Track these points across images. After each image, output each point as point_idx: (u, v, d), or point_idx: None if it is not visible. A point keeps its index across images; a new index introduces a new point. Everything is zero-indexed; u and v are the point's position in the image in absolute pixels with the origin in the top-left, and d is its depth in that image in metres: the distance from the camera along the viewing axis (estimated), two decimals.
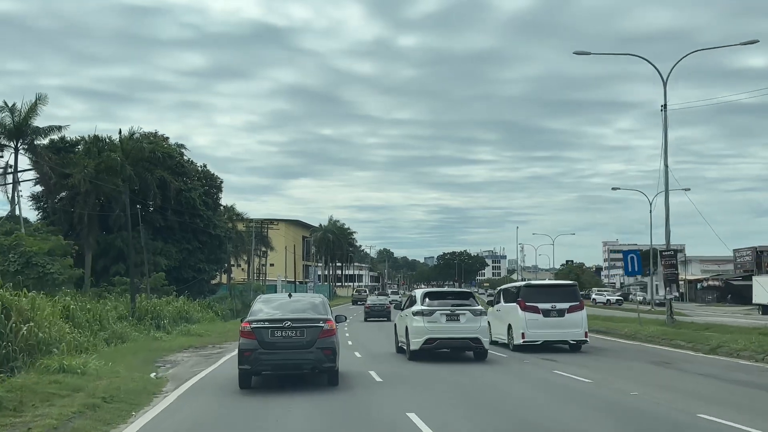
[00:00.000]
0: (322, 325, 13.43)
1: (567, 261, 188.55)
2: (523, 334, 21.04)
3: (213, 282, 59.99)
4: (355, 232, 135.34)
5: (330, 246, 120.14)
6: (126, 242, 46.75)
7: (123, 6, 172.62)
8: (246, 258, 75.80)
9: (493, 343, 21.89)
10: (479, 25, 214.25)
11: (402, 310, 21.92)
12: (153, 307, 30.89)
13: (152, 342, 22.78)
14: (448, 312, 18.86)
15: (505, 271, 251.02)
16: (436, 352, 18.76)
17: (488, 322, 20.45)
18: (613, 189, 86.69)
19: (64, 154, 50.27)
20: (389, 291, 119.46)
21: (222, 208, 61.30)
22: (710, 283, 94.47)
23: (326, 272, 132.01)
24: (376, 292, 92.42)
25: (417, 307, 19.17)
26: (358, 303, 74.35)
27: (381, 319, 46.84)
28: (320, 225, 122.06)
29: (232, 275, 74.54)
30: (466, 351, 19.53)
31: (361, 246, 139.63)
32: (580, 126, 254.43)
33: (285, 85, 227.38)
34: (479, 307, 19.76)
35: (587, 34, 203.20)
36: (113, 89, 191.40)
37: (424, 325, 18.64)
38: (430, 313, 18.72)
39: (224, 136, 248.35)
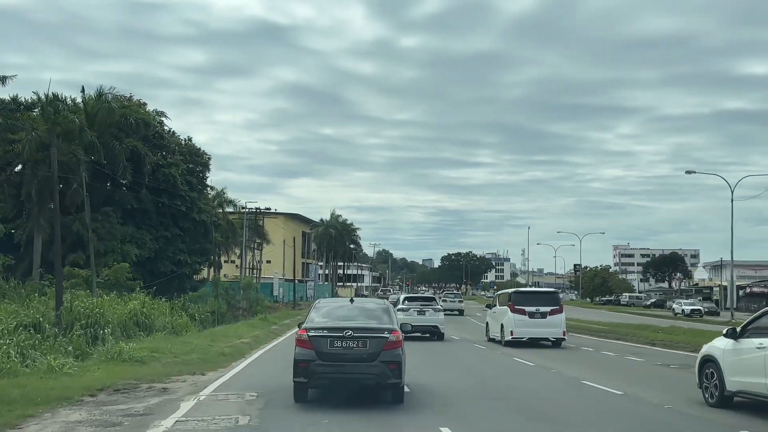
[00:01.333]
0: (387, 335, 11.74)
1: (575, 265, 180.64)
2: (512, 332, 25.06)
3: (197, 278, 50.02)
4: (358, 228, 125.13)
5: (332, 242, 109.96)
6: (85, 225, 36.92)
7: (125, 1, 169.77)
8: (239, 252, 65.79)
9: (491, 340, 27.81)
10: (481, 27, 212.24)
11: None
12: (91, 310, 20.86)
13: (37, 380, 12.44)
14: (419, 309, 29.26)
15: (508, 273, 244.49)
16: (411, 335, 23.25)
17: (486, 323, 29.43)
18: (688, 173, 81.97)
19: (13, 115, 40.35)
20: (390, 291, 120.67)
21: (209, 190, 51.15)
22: (754, 289, 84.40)
23: (326, 271, 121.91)
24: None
25: (399, 306, 28.57)
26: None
27: None
28: (321, 220, 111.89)
29: (222, 271, 64.63)
30: (429, 334, 28.75)
31: (360, 245, 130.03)
32: (581, 131, 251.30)
33: (286, 84, 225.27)
34: (439, 306, 30.99)
35: (590, 38, 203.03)
36: (114, 85, 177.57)
37: (403, 317, 24.48)
38: (407, 309, 28.93)
39: (224, 134, 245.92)
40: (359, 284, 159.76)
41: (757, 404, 11.37)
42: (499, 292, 30.95)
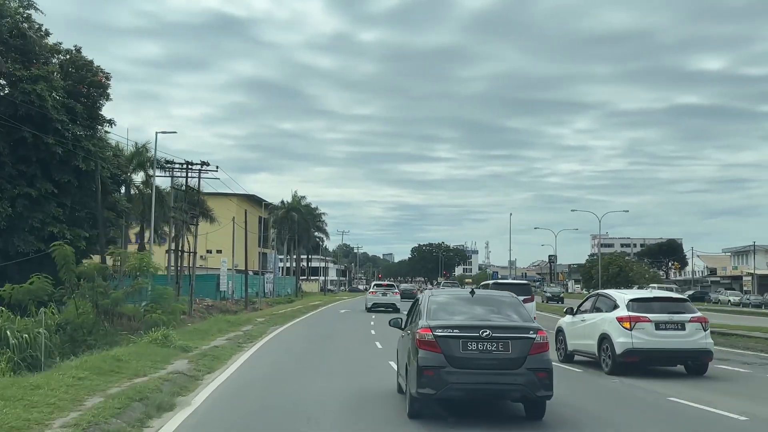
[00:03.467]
0: (533, 336, 9.51)
1: (550, 256, 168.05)
2: None
3: (86, 262, 31.84)
4: (324, 214, 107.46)
5: (294, 229, 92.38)
6: None
7: None
8: (171, 233, 47.75)
9: None
10: (440, 21, 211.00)
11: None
12: None
13: None
14: (383, 292, 44.18)
15: (476, 267, 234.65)
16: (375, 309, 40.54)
17: None
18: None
19: None
20: (360, 286, 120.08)
21: (107, 128, 32.51)
22: None
23: (288, 264, 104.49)
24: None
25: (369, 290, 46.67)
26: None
27: (410, 300, 53.09)
28: (282, 202, 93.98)
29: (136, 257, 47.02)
30: (391, 309, 40.62)
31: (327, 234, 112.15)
32: (538, 125, 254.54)
33: (244, 78, 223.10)
34: (396, 290, 47.04)
35: (548, 34, 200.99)
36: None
37: (372, 297, 42.91)
38: (376, 292, 44.46)
39: (180, 128, 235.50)
40: (325, 278, 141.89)
41: (585, 360, 16.71)
42: (482, 283, 33.43)
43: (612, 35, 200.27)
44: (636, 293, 17.42)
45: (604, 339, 15.34)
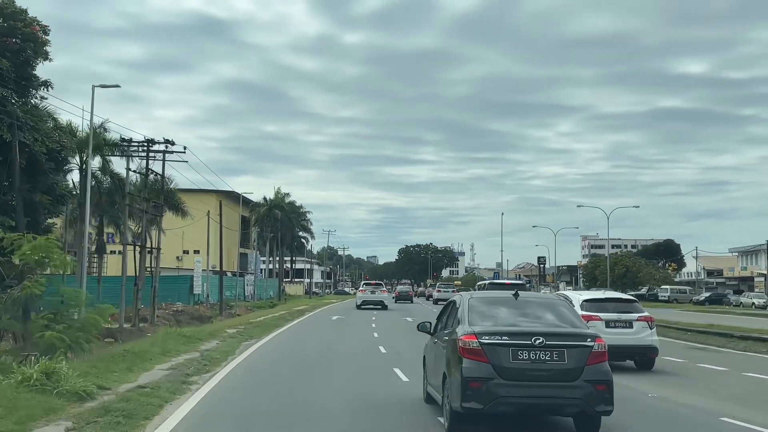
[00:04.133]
0: (591, 344, 8.47)
1: (539, 257, 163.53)
2: None
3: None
4: (309, 212, 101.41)
5: (277, 228, 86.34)
6: None
7: None
8: (135, 228, 41.57)
9: None
10: (424, 24, 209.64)
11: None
12: None
13: None
14: (372, 290, 49.24)
15: (463, 269, 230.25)
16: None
17: None
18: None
19: None
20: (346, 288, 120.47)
21: (44, 93, 25.87)
22: None
23: (270, 266, 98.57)
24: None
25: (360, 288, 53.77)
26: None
27: (406, 302, 63.37)
28: (264, 199, 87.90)
29: (108, 263, 40.47)
30: (380, 306, 46.49)
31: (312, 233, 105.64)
32: (522, 128, 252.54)
33: (227, 80, 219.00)
34: (384, 288, 53.13)
35: (532, 37, 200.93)
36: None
37: (360, 294, 48.83)
38: (365, 290, 50.02)
39: (163, 130, 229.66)
40: (310, 280, 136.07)
41: None
42: (478, 284, 36.98)
43: (595, 39, 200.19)
44: (590, 294, 18.31)
45: None
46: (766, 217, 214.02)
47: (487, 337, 8.31)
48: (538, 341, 8.23)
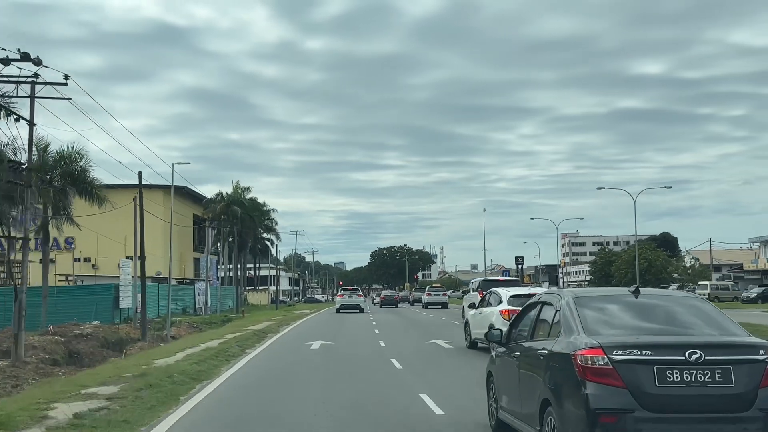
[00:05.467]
0: (764, 357, 6.14)
1: (516, 257, 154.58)
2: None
3: None
4: (274, 211, 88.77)
5: (236, 227, 74.08)
6: None
7: (9, 1, 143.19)
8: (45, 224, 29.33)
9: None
10: (385, 29, 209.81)
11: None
12: None
13: None
14: (349, 294, 53.18)
15: (435, 273, 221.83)
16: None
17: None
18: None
19: None
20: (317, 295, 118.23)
21: None
22: None
23: (229, 273, 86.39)
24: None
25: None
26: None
27: (391, 306, 66.16)
28: (221, 194, 75.58)
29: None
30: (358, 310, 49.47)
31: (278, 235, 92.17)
32: (485, 132, 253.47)
33: (187, 88, 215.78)
34: (360, 293, 58.13)
35: (492, 40, 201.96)
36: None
37: (338, 299, 52.48)
38: (343, 294, 53.45)
39: (123, 141, 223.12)
40: (276, 287, 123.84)
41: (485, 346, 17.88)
42: (472, 281, 38.16)
43: (555, 41, 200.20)
44: (516, 290, 20.54)
45: (491, 329, 14.66)
46: (726, 214, 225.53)
47: (620, 352, 6.02)
48: (694, 356, 5.94)
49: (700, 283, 63.15)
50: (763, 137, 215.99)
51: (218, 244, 79.61)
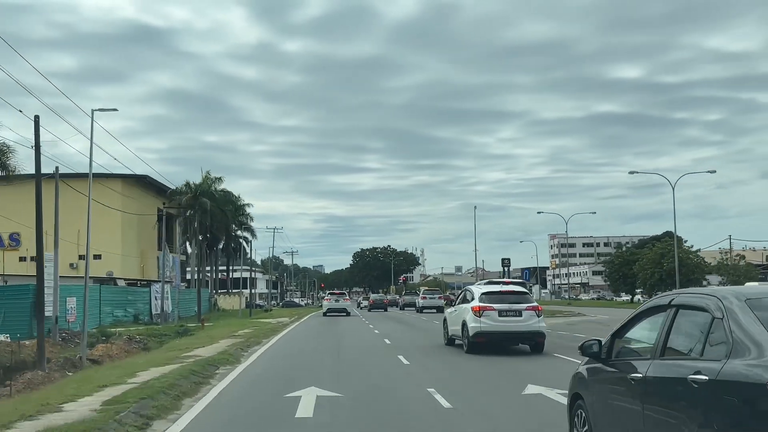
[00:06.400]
0: None
1: (503, 259, 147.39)
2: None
3: None
4: (249, 205, 79.83)
5: (206, 222, 65.12)
6: None
7: None
8: None
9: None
10: (365, 31, 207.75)
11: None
12: None
13: None
14: (336, 299, 50.81)
15: (418, 275, 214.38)
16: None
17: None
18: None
19: None
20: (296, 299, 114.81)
21: None
22: None
23: (198, 275, 77.48)
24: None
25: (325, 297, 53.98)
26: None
27: (380, 310, 63.71)
28: (188, 184, 66.51)
29: None
30: (344, 313, 48.80)
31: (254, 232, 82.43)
32: (464, 135, 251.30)
33: (164, 90, 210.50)
34: (347, 297, 55.56)
35: (472, 44, 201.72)
36: None
37: (326, 303, 51.08)
38: (330, 299, 51.59)
39: (99, 143, 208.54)
40: (252, 291, 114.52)
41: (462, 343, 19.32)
42: (476, 283, 33.49)
43: (533, 45, 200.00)
44: (487, 288, 20.88)
45: (464, 325, 18.75)
46: (701, 218, 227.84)
47: None
48: None
49: (748, 284, 55.52)
50: (738, 142, 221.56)
51: (188, 243, 70.71)
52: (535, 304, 19.09)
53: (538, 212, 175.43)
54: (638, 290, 72.77)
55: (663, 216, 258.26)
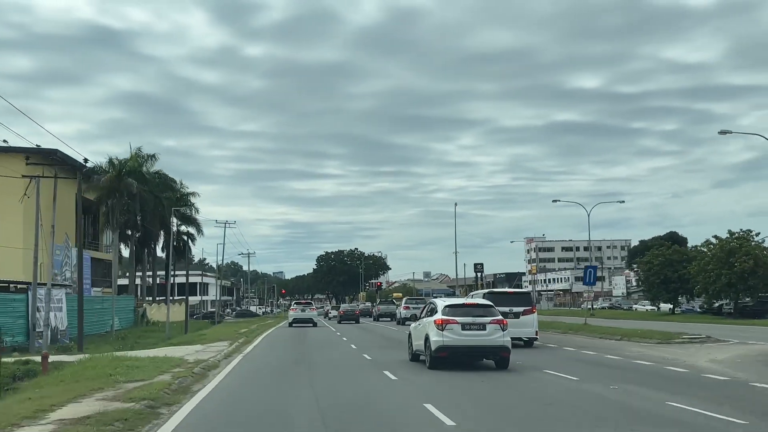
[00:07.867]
0: None
1: (476, 264, 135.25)
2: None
3: None
4: (195, 194, 65.44)
5: (134, 210, 50.94)
6: None
7: None
8: None
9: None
10: (327, 37, 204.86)
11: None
12: None
13: None
14: (302, 308, 50.35)
15: (385, 281, 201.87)
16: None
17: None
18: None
19: None
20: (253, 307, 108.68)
21: None
22: None
23: (143, 279, 62.84)
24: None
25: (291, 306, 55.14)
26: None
27: (351, 322, 57.01)
28: (110, 160, 52.12)
29: None
30: (311, 323, 48.34)
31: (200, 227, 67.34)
32: (425, 142, 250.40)
33: (122, 92, 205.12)
34: (314, 306, 53.64)
35: (434, 51, 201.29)
36: None
37: (292, 313, 50.51)
38: (296, 309, 51.02)
39: (55, 146, 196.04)
40: (203, 298, 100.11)
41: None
42: (472, 293, 32.47)
43: (495, 53, 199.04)
44: (452, 300, 19.92)
45: (427, 339, 17.69)
46: (656, 226, 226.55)
47: None
48: None
49: None
50: (693, 151, 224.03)
51: (111, 235, 56.36)
52: (500, 317, 17.79)
53: (554, 200, 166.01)
54: (681, 297, 60.79)
55: (622, 224, 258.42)
